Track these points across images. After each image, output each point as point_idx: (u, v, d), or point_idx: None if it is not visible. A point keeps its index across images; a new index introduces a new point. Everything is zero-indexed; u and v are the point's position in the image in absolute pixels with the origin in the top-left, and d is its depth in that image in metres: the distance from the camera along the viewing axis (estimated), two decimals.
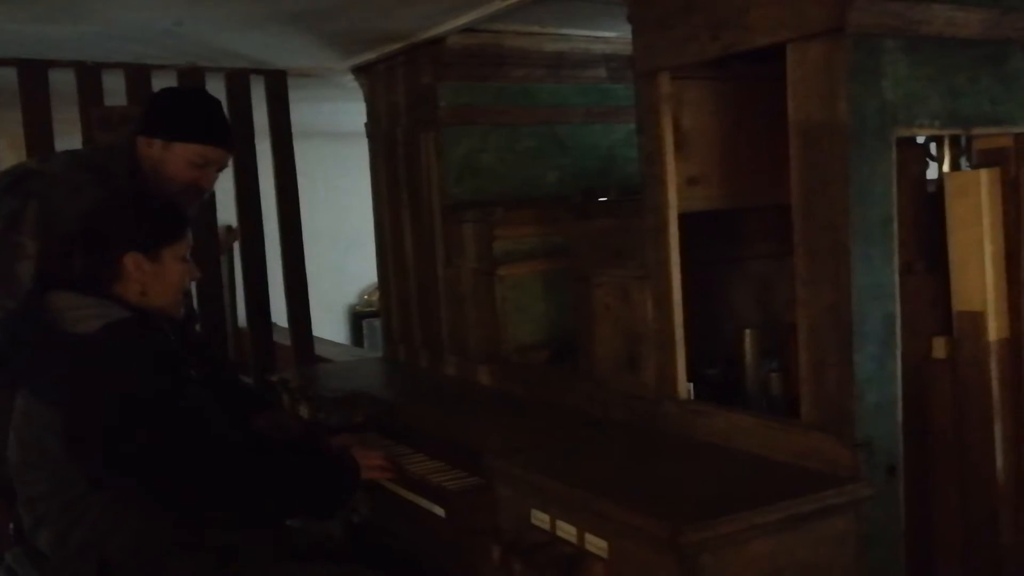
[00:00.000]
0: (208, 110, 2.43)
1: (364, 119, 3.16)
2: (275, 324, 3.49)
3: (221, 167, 2.44)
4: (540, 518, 1.74)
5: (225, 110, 2.51)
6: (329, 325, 6.29)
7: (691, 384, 1.96)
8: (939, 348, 1.87)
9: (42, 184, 2.26)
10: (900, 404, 1.64)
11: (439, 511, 1.94)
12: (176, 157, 2.32)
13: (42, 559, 1.91)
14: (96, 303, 1.90)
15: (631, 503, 1.55)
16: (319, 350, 3.70)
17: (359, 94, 3.23)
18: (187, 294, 2.13)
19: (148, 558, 1.89)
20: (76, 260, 1.95)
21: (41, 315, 1.89)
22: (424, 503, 2.01)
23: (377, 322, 6.61)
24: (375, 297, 6.71)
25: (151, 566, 1.89)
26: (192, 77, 3.10)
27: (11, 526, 2.10)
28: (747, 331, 2.02)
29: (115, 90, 3.01)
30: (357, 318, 6.73)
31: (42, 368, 1.88)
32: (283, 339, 3.58)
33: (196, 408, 1.92)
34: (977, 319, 1.81)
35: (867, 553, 1.60)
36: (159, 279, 1.99)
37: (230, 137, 2.45)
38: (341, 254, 6.18)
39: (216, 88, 3.17)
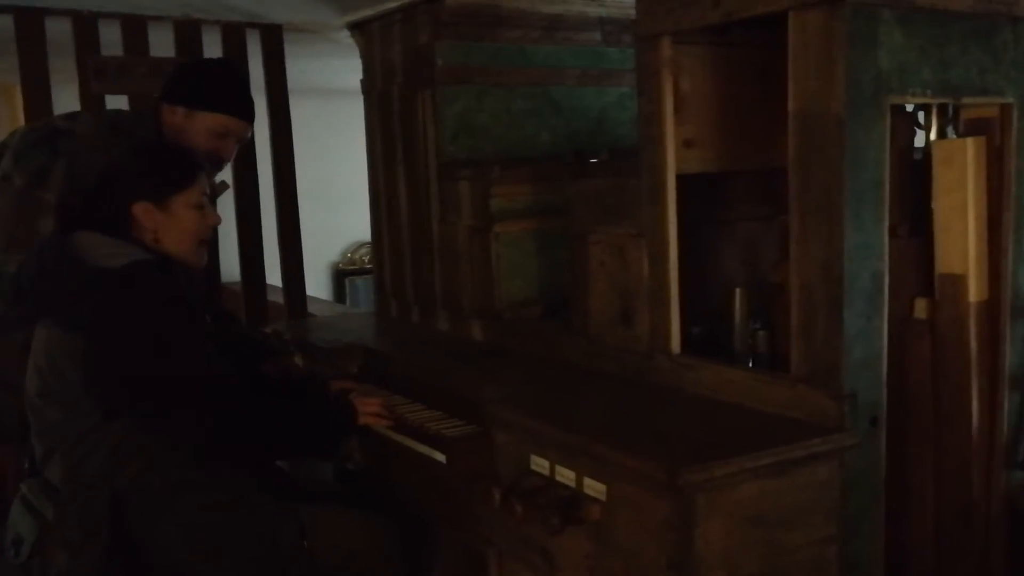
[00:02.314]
0: (233, 81, 2.51)
1: (353, 77, 3.18)
2: None
3: (241, 139, 2.50)
4: (539, 463, 1.82)
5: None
6: (312, 282, 6.30)
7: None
8: (920, 309, 1.96)
9: (71, 144, 2.32)
10: (885, 359, 1.73)
11: (439, 457, 2.01)
12: (198, 126, 2.39)
13: (54, 491, 1.98)
14: (120, 243, 1.98)
15: (629, 448, 1.64)
16: (308, 306, 3.74)
17: (352, 51, 3.24)
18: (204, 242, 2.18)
19: (157, 493, 1.97)
20: (93, 209, 2.02)
21: (67, 251, 1.95)
22: (423, 449, 2.08)
23: (360, 280, 6.67)
24: (358, 255, 6.75)
25: (160, 501, 1.97)
26: (188, 29, 3.11)
27: (26, 461, 2.15)
28: (737, 290, 2.10)
29: (112, 41, 3.01)
30: (340, 276, 6.75)
31: (66, 298, 1.95)
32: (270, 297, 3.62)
33: (207, 349, 1.99)
34: (958, 281, 1.89)
35: (849, 498, 1.70)
36: (171, 227, 2.06)
37: (252, 110, 2.50)
38: (325, 212, 6.19)
39: (212, 41, 3.19)
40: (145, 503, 1.97)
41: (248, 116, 2.48)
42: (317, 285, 6.58)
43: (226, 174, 3.46)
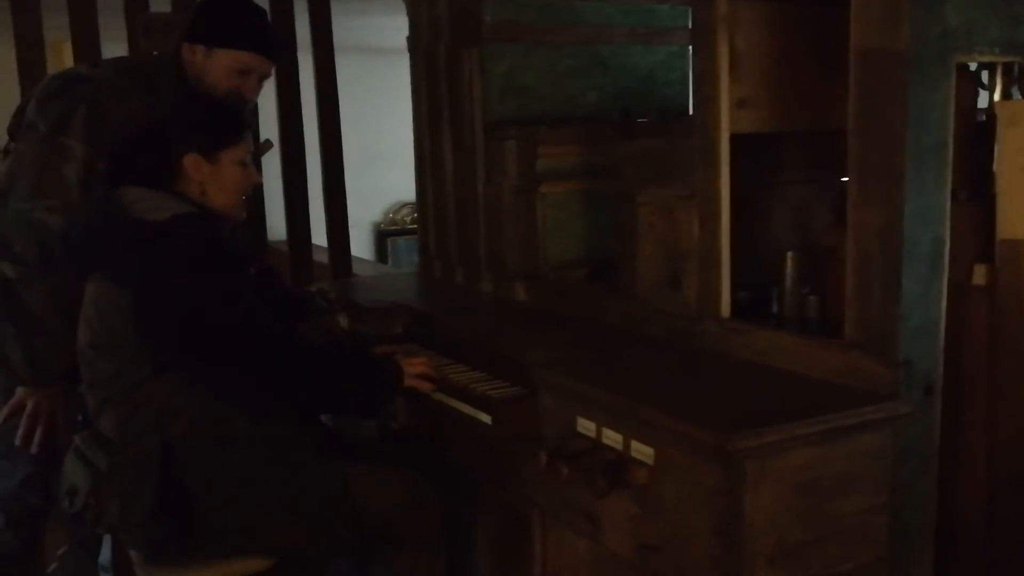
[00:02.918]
0: (251, 17, 2.45)
1: (398, 35, 3.15)
2: None
3: (263, 76, 2.45)
4: (585, 426, 1.82)
5: (269, 18, 2.54)
6: (355, 243, 6.33)
7: None
8: (979, 275, 1.90)
9: (91, 89, 2.32)
10: (943, 327, 1.69)
11: (485, 418, 2.02)
12: (218, 64, 2.35)
13: (107, 442, 2.02)
14: (164, 196, 2.01)
15: (678, 412, 1.62)
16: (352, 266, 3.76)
17: (399, 8, 3.21)
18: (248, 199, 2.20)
19: (208, 446, 2.00)
20: (141, 158, 2.05)
21: (113, 205, 1.98)
22: (469, 410, 2.08)
23: (402, 240, 6.68)
24: (400, 215, 6.77)
25: (210, 453, 2.00)
26: None
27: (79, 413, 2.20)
28: (789, 254, 2.06)
29: None
30: (382, 236, 6.78)
31: (115, 252, 1.99)
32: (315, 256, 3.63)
33: (253, 302, 2.02)
34: (1019, 247, 1.84)
35: (901, 467, 1.67)
36: (217, 180, 2.08)
37: (273, 45, 2.46)
38: (368, 172, 6.20)
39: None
40: (194, 456, 2.01)
41: (268, 52, 2.44)
42: (359, 245, 6.60)
43: (272, 133, 3.48)
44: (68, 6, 2.89)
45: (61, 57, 4.90)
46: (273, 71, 2.50)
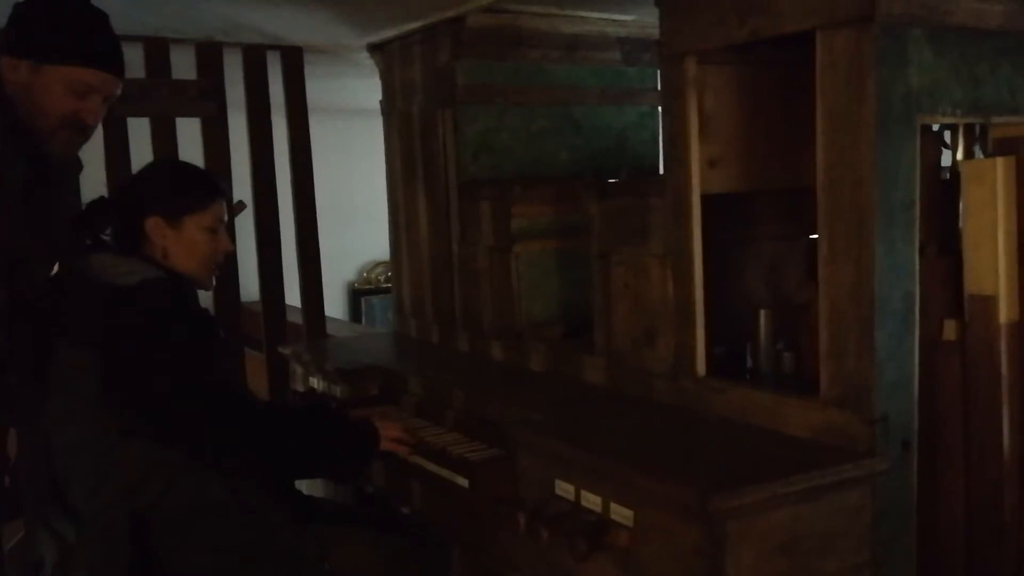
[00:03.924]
0: (90, 23, 1.96)
1: (370, 97, 3.19)
2: None
3: (108, 98, 1.97)
4: (564, 488, 1.80)
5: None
6: (329, 302, 6.29)
7: None
8: (950, 330, 1.93)
9: None
10: (916, 381, 1.71)
11: (462, 481, 2.00)
12: (49, 83, 1.87)
13: (75, 513, 1.97)
14: (134, 262, 2.00)
15: (657, 473, 1.61)
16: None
17: (372, 71, 3.25)
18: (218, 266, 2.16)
19: (177, 514, 1.96)
20: (109, 221, 2.04)
21: (83, 272, 1.97)
22: (446, 473, 2.06)
23: (376, 299, 6.65)
24: (374, 274, 6.74)
25: (181, 521, 1.96)
26: (209, 51, 3.12)
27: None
28: (762, 311, 2.08)
29: (134, 62, 3.02)
30: (356, 295, 6.75)
31: (83, 317, 1.96)
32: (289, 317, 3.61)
33: (222, 365, 1.99)
34: (988, 302, 1.86)
35: (881, 524, 1.67)
36: (180, 245, 2.07)
37: (120, 58, 1.98)
38: (342, 232, 6.19)
39: (233, 63, 3.20)
40: (165, 524, 1.96)
41: (115, 67, 1.95)
42: (333, 304, 6.56)
43: (245, 194, 3.48)
44: None
45: None
46: (119, 91, 2.00)
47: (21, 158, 1.86)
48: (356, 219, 6.09)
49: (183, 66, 3.11)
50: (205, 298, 2.28)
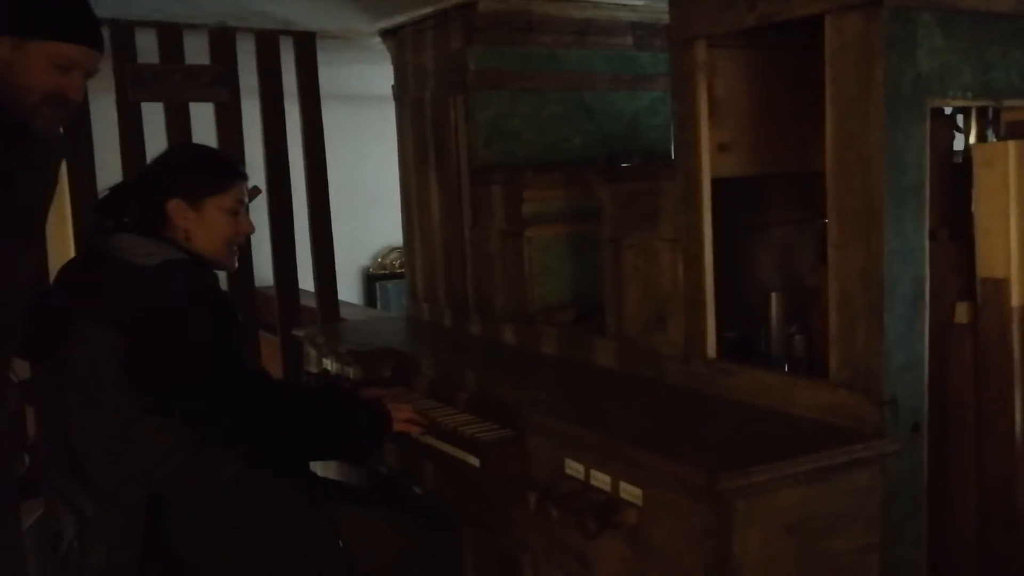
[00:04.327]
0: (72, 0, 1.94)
1: (383, 83, 3.20)
2: None
3: (89, 73, 1.97)
4: (574, 467, 1.82)
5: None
6: (344, 287, 6.32)
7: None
8: (962, 313, 1.93)
9: None
10: (926, 364, 1.72)
11: (474, 461, 2.02)
12: (33, 59, 1.85)
13: (94, 487, 2.00)
14: (155, 243, 2.03)
15: (666, 452, 1.63)
16: (340, 311, 3.76)
17: (384, 57, 3.26)
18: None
19: (193, 492, 1.99)
20: (131, 204, 2.07)
21: (106, 252, 2.00)
22: (458, 454, 2.08)
23: (391, 284, 6.68)
24: (389, 259, 6.77)
25: (197, 500, 1.99)
26: (222, 36, 3.14)
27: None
28: (773, 294, 2.09)
29: (148, 48, 3.05)
30: (371, 280, 6.78)
31: (106, 295, 1.99)
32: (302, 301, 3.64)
33: (241, 347, 2.02)
34: (1000, 286, 1.87)
35: (891, 506, 1.68)
36: (201, 227, 2.10)
37: (100, 33, 1.98)
38: (356, 217, 6.22)
39: (246, 48, 3.22)
40: (181, 501, 1.99)
41: (98, 43, 1.96)
42: (348, 289, 6.60)
43: (259, 180, 3.50)
44: None
45: None
46: (99, 67, 1.99)
47: (2, 137, 1.86)
48: (370, 205, 6.11)
49: (196, 52, 3.13)
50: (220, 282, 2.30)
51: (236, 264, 2.22)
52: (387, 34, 3.16)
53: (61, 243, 3.19)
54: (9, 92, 1.85)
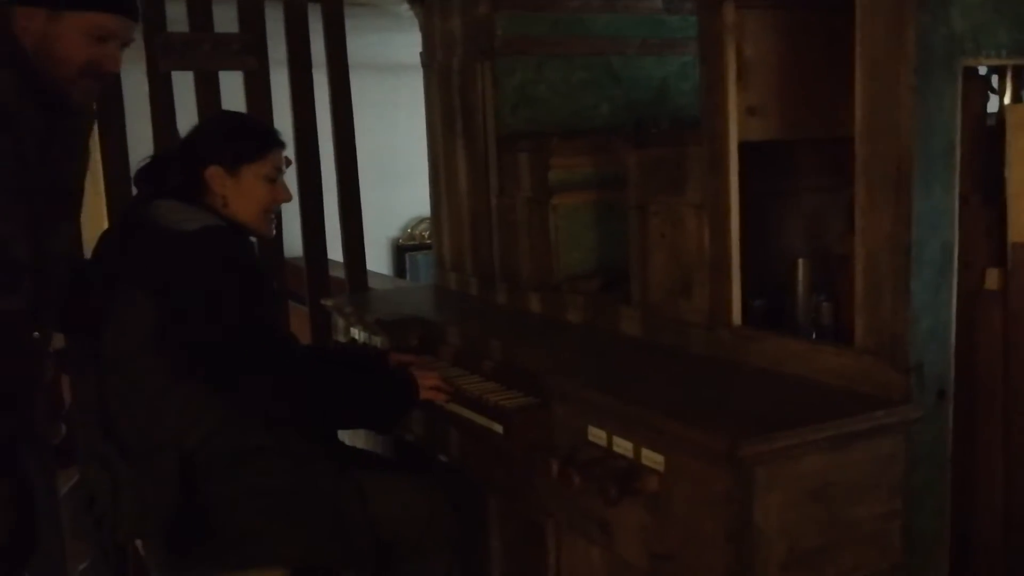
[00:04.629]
0: None
1: (412, 52, 3.19)
2: None
3: (125, 43, 1.97)
4: (596, 434, 1.82)
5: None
6: (373, 258, 6.35)
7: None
8: (992, 279, 1.89)
9: None
10: (953, 331, 1.69)
11: (498, 428, 2.02)
12: (68, 31, 1.85)
13: (127, 449, 2.04)
14: (195, 210, 2.06)
15: (688, 418, 1.62)
16: (368, 282, 3.77)
17: (412, 25, 3.25)
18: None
19: (226, 456, 2.02)
20: (169, 171, 2.10)
21: (145, 220, 2.03)
22: (482, 421, 2.09)
23: (420, 255, 6.71)
24: (418, 230, 6.80)
25: (228, 464, 2.03)
26: (251, 5, 3.14)
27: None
28: (800, 260, 2.06)
29: (177, 17, 3.06)
30: (400, 251, 6.81)
31: (144, 261, 2.02)
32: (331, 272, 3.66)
33: (273, 315, 2.04)
34: None
35: (914, 473, 1.67)
36: (239, 194, 2.13)
37: (135, 2, 2.00)
38: (386, 188, 6.23)
39: (275, 17, 3.22)
40: (212, 466, 2.03)
41: (134, 12, 1.97)
42: (378, 261, 6.64)
43: (288, 150, 3.51)
44: None
45: None
46: (134, 36, 2.01)
47: (40, 110, 1.88)
48: (400, 176, 6.12)
49: (225, 20, 3.13)
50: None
51: (273, 232, 2.25)
52: (415, 0, 3.14)
53: (95, 215, 3.23)
54: (46, 65, 1.85)
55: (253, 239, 2.23)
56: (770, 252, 2.27)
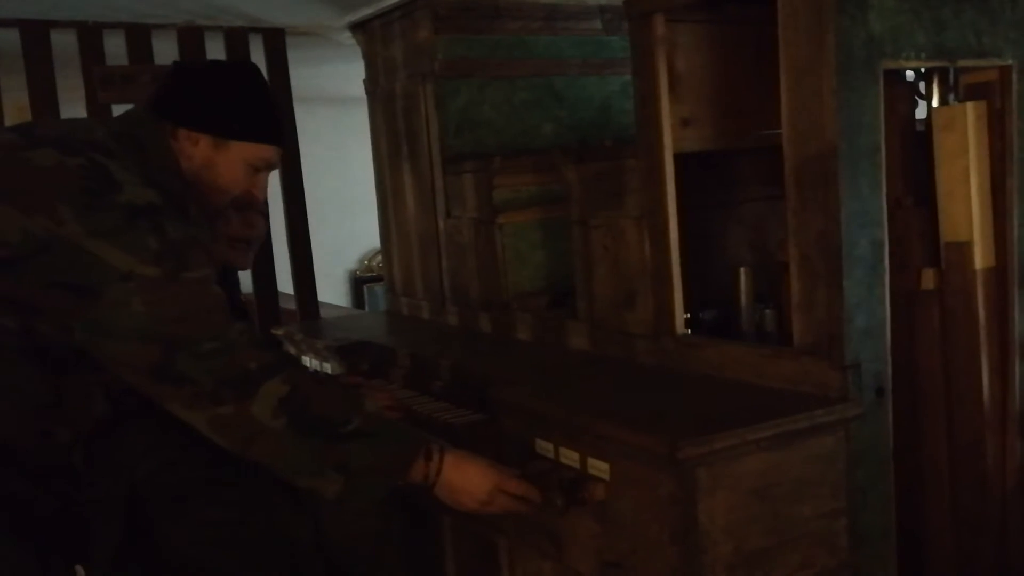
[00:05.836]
0: (271, 100, 1.92)
1: (362, 86, 3.20)
2: None
3: (273, 169, 1.97)
4: (543, 446, 1.81)
5: None
6: (332, 291, 6.33)
7: (688, 325, 2.03)
8: (927, 279, 1.93)
9: None
10: (888, 328, 1.71)
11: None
12: (233, 160, 1.81)
13: (77, 477, 1.99)
14: None
15: (631, 424, 1.62)
16: (321, 313, 3.75)
17: (358, 54, 3.26)
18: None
19: (172, 490, 1.98)
20: None
21: None
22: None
23: (378, 287, 6.68)
24: (375, 261, 6.78)
25: (175, 498, 1.98)
26: (191, 36, 3.14)
27: None
28: (742, 269, 2.08)
29: (116, 53, 3.05)
30: (358, 283, 6.78)
31: None
32: (283, 304, 3.63)
33: None
34: (964, 249, 1.86)
35: (857, 471, 1.68)
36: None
37: (285, 130, 2.08)
38: (342, 221, 6.22)
39: (215, 48, 3.22)
40: (161, 499, 1.98)
41: (284, 141, 2.01)
42: (335, 293, 6.60)
43: None
44: (25, 63, 2.91)
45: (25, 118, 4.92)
46: None
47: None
48: (355, 208, 6.11)
49: (165, 52, 3.13)
50: None
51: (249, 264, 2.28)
52: (356, 28, 3.15)
53: None
54: (201, 190, 1.81)
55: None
56: (718, 263, 2.29)
